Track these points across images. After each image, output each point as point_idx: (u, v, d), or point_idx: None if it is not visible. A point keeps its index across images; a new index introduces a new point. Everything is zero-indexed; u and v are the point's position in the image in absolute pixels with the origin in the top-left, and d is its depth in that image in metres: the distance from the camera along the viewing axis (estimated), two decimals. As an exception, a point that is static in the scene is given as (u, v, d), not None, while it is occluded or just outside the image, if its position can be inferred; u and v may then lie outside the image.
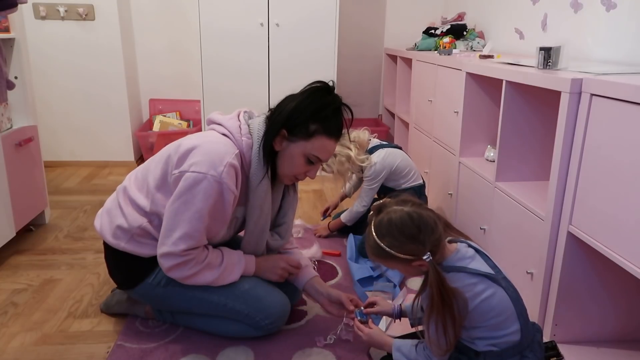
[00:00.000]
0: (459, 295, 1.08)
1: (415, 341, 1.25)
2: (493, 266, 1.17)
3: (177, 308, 1.56)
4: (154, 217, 1.44)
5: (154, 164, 1.48)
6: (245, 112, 1.51)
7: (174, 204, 1.34)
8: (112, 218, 1.49)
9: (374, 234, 1.14)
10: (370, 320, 1.44)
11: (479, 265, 1.15)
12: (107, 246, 1.52)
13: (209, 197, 1.32)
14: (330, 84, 1.45)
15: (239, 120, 1.46)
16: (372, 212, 1.19)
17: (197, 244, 1.37)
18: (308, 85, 1.44)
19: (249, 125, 1.46)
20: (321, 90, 1.43)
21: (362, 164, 2.15)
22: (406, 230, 1.10)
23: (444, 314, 1.07)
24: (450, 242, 1.20)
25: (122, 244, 1.46)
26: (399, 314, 1.46)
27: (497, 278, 1.13)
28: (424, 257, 1.09)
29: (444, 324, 1.08)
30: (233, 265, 1.47)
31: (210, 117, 1.51)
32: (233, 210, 1.43)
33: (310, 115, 1.39)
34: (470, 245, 1.20)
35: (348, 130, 1.47)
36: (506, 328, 1.13)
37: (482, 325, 1.12)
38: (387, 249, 1.11)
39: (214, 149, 1.35)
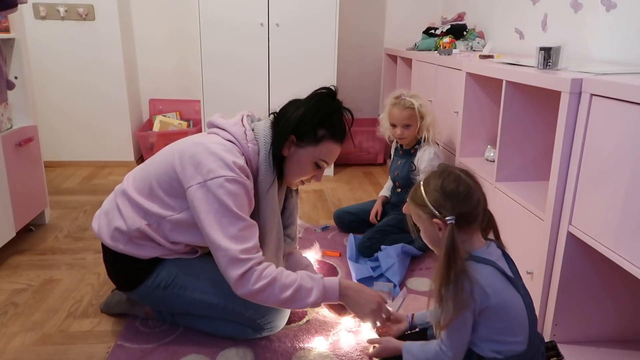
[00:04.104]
0: (467, 274, 1.05)
1: (424, 342, 1.23)
2: (515, 272, 1.16)
3: (177, 310, 1.56)
4: (154, 220, 1.43)
5: (154, 166, 1.46)
6: (247, 115, 1.52)
7: (207, 217, 1.31)
8: (110, 220, 1.48)
9: (425, 178, 1.17)
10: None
11: (503, 266, 1.14)
12: (105, 248, 1.52)
13: (237, 196, 1.32)
14: (333, 89, 1.48)
15: (244, 126, 1.46)
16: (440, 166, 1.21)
17: (252, 243, 1.33)
18: (313, 92, 1.47)
19: (253, 130, 1.46)
20: (326, 96, 1.46)
21: (427, 134, 2.20)
22: (448, 186, 1.10)
23: (447, 279, 1.05)
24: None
25: (121, 246, 1.45)
26: (411, 325, 1.43)
27: (517, 284, 1.13)
28: (447, 219, 1.08)
29: (443, 290, 1.05)
30: (309, 284, 1.37)
31: (212, 121, 1.50)
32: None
33: (318, 121, 1.42)
34: (498, 247, 1.19)
35: (350, 131, 1.49)
36: (515, 335, 1.11)
37: (493, 326, 1.10)
38: (422, 191, 1.13)
39: (222, 154, 1.35)
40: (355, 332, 1.58)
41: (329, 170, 3.43)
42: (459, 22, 3.09)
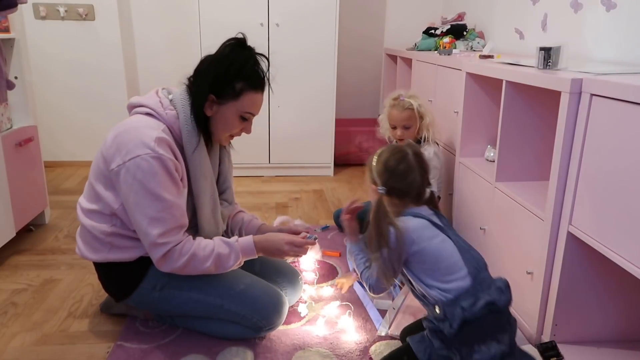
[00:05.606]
0: (395, 227, 1.22)
1: (366, 257, 1.40)
2: (446, 223, 1.32)
3: (174, 312, 1.55)
4: (115, 219, 1.42)
5: (92, 167, 1.46)
6: (163, 88, 1.52)
7: (129, 199, 1.34)
8: (83, 238, 1.49)
9: (382, 149, 1.35)
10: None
11: (434, 220, 1.30)
12: (95, 265, 1.52)
13: (155, 175, 1.32)
14: (242, 36, 1.46)
15: (159, 96, 1.47)
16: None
17: (169, 225, 1.34)
18: (222, 45, 1.45)
19: (170, 100, 1.46)
20: (236, 47, 1.45)
21: (427, 134, 2.20)
22: (390, 161, 1.30)
23: (379, 241, 1.24)
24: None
25: (104, 255, 1.45)
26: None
27: (446, 230, 1.28)
28: (379, 189, 1.29)
29: (379, 250, 1.24)
30: (226, 250, 1.43)
31: (129, 103, 1.50)
32: (183, 182, 1.43)
33: (233, 75, 1.41)
34: (431, 208, 1.35)
35: (268, 79, 1.50)
36: (453, 273, 1.22)
37: (427, 267, 1.25)
38: (374, 158, 1.34)
39: (139, 131, 1.35)
40: (355, 331, 1.58)
41: (329, 170, 3.42)
42: (459, 22, 3.09)
